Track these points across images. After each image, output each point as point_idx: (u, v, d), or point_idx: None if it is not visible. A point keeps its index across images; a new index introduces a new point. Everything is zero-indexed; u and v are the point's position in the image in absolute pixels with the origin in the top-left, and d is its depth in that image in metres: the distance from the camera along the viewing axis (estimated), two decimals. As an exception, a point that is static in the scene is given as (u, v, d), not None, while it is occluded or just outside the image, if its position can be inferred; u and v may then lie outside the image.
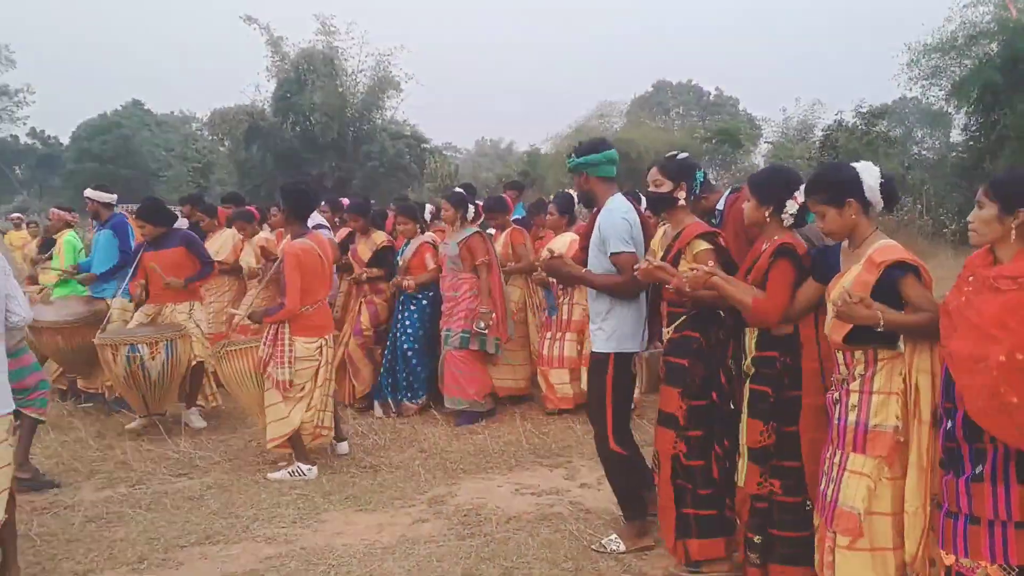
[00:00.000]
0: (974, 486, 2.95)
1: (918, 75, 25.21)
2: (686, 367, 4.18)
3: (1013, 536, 2.87)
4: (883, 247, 3.37)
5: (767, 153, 33.32)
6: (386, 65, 35.39)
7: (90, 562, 4.52)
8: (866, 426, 3.35)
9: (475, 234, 7.36)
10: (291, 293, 5.78)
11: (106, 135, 50.69)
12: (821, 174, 3.62)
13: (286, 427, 5.87)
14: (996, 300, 2.85)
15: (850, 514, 3.34)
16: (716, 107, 60.39)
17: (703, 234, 4.24)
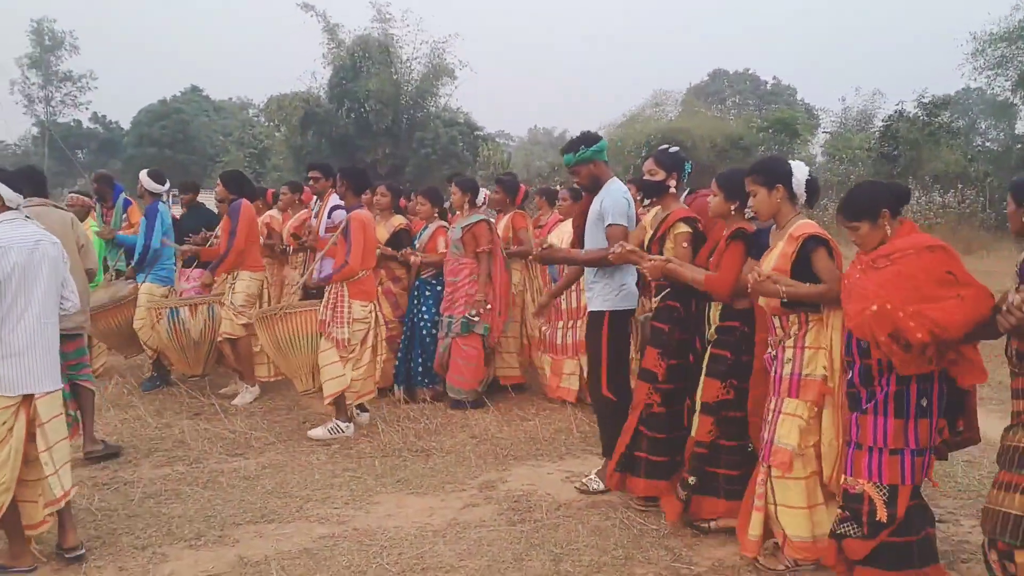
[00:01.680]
0: (860, 418, 3.69)
1: (983, 65, 24.67)
2: (666, 331, 4.85)
3: (887, 460, 3.61)
4: (801, 224, 4.06)
5: (825, 143, 32.81)
6: (440, 53, 35.52)
7: (148, 537, 4.62)
8: (799, 375, 4.03)
9: (481, 221, 7.43)
10: (355, 252, 6.32)
11: (165, 120, 51.48)
12: (762, 161, 4.37)
13: (341, 384, 6.40)
14: (876, 275, 3.53)
15: (784, 450, 3.99)
16: (773, 96, 59.61)
17: (685, 218, 4.85)
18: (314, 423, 6.86)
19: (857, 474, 3.68)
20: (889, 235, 3.65)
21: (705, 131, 30.42)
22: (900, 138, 24.82)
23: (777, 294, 3.90)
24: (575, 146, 5.29)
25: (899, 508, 3.60)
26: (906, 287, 3.40)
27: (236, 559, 4.34)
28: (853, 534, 3.68)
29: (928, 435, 3.60)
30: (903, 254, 3.51)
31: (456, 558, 4.32)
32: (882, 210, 3.65)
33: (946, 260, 3.47)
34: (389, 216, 8.00)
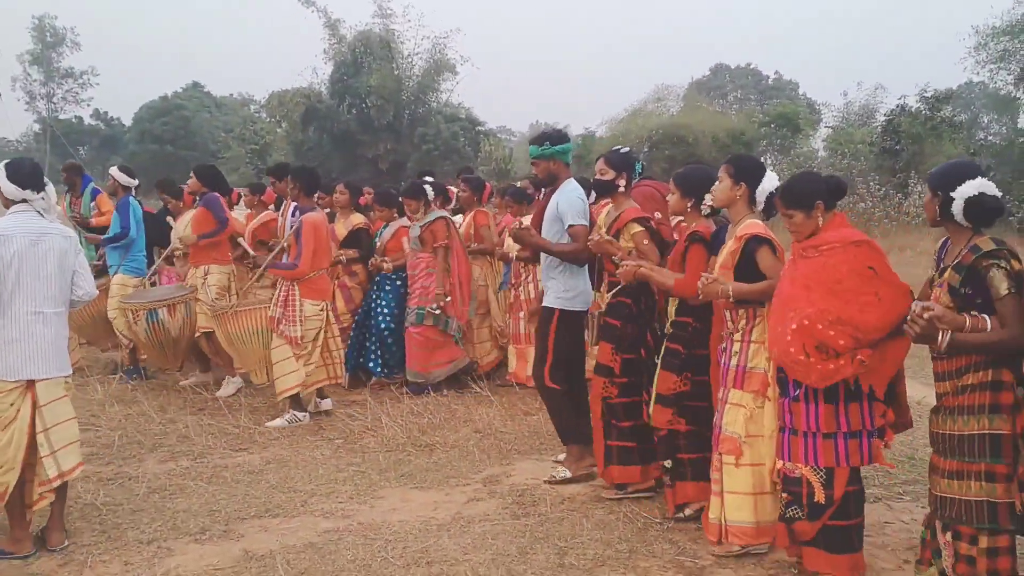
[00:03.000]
0: (794, 405, 3.86)
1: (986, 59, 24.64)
2: (619, 327, 5.02)
3: (821, 444, 3.79)
4: (747, 224, 4.25)
5: (827, 138, 32.75)
6: (442, 48, 35.54)
7: (154, 532, 4.63)
8: (745, 368, 4.23)
9: (439, 219, 7.74)
10: (305, 255, 6.53)
11: (166, 117, 51.53)
12: (743, 156, 4.64)
13: (296, 380, 6.64)
14: (805, 265, 3.79)
15: (732, 438, 4.19)
16: (775, 91, 59.57)
17: (637, 218, 5.02)
18: (318, 419, 6.88)
19: (795, 459, 3.87)
20: (821, 226, 3.87)
21: (707, 126, 30.33)
22: (902, 132, 24.76)
23: (724, 295, 4.13)
24: (541, 140, 5.50)
25: (837, 490, 3.78)
26: (828, 278, 3.66)
27: (241, 553, 4.35)
28: (799, 516, 3.86)
29: (860, 418, 3.76)
30: (831, 247, 3.76)
31: (461, 552, 4.33)
32: (816, 202, 3.86)
33: (869, 255, 3.71)
34: (348, 214, 8.31)
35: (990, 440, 3.29)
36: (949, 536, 3.41)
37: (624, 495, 5.09)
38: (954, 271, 3.39)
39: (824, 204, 3.89)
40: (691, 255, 4.60)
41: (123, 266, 8.25)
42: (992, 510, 3.28)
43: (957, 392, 3.40)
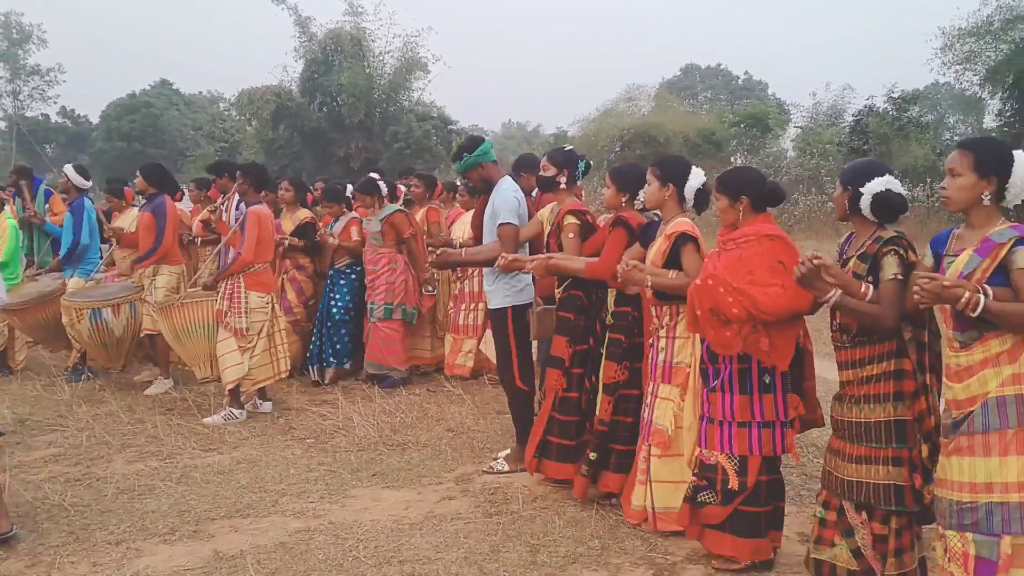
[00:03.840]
0: (711, 395, 4.06)
1: (952, 60, 24.89)
2: (571, 319, 5.10)
3: (735, 432, 3.97)
4: (676, 223, 4.45)
5: (796, 138, 33.01)
6: (413, 46, 35.34)
7: (122, 532, 4.59)
8: (671, 363, 4.43)
9: (397, 211, 7.90)
10: (248, 244, 6.59)
11: (134, 114, 50.94)
12: (668, 158, 4.82)
13: (239, 372, 6.69)
14: (725, 257, 3.97)
15: (661, 430, 4.39)
16: (745, 91, 60.00)
17: (573, 211, 5.19)
18: (289, 419, 6.85)
19: (711, 446, 4.05)
20: (741, 220, 4.05)
21: (678, 126, 30.45)
22: (870, 132, 25.01)
23: (643, 282, 4.34)
24: (460, 154, 5.63)
25: (750, 477, 3.95)
26: (741, 269, 3.86)
27: (211, 554, 4.32)
28: (711, 501, 4.03)
29: (774, 409, 3.96)
30: (747, 240, 3.98)
31: (433, 550, 4.32)
32: (741, 196, 4.04)
33: (781, 249, 3.93)
34: (295, 210, 8.39)
35: (895, 426, 3.49)
36: (864, 516, 3.58)
37: (558, 485, 5.25)
38: (859, 260, 3.57)
39: (751, 201, 4.05)
40: (611, 237, 4.80)
41: (79, 269, 8.26)
42: (899, 492, 3.47)
43: (861, 382, 3.57)
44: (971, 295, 2.94)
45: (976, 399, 3.08)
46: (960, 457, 3.11)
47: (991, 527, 3.00)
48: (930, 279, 3.01)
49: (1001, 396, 3.03)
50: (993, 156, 3.14)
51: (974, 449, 3.07)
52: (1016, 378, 3.02)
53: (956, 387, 3.16)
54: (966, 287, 2.97)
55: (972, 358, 3.10)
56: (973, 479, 3.06)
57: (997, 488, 3.01)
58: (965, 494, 3.08)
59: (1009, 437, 3.01)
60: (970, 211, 3.20)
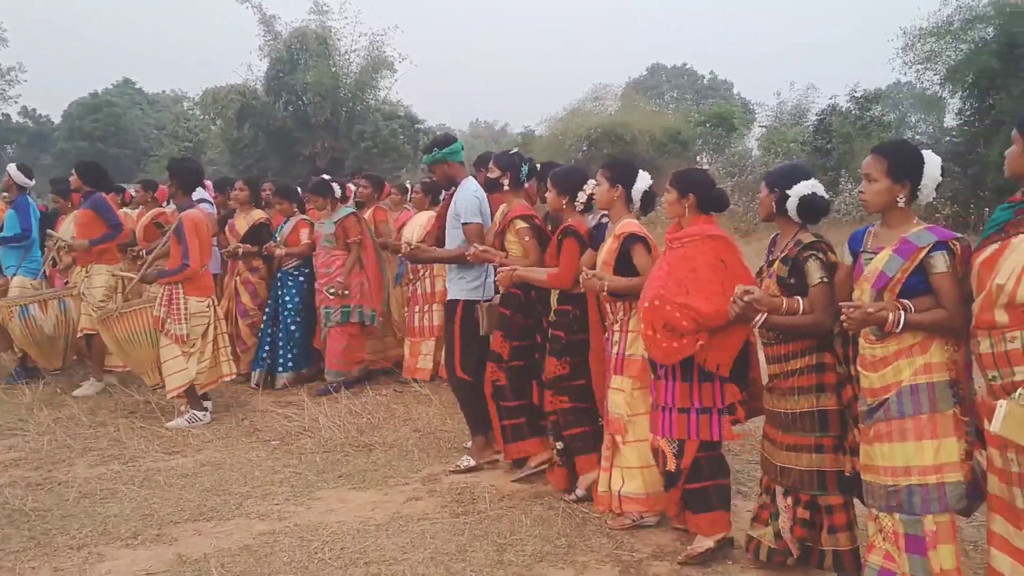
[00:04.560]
0: (657, 383, 4.26)
1: (913, 59, 25.12)
2: (509, 316, 5.36)
3: (675, 418, 4.16)
4: (625, 223, 4.64)
5: (761, 137, 33.25)
6: (380, 45, 35.26)
7: (84, 537, 4.53)
8: (623, 355, 4.61)
9: (351, 215, 7.86)
10: (193, 253, 6.56)
11: (97, 114, 50.29)
12: (619, 159, 5.10)
13: (185, 378, 6.63)
14: (671, 255, 4.18)
15: (617, 419, 4.59)
16: (710, 91, 60.39)
17: (521, 215, 5.34)
18: (254, 421, 6.81)
19: (655, 431, 4.27)
20: (686, 217, 4.26)
21: (644, 125, 30.60)
22: (833, 132, 25.21)
23: (601, 288, 4.54)
24: (431, 147, 5.81)
25: (686, 459, 4.16)
26: (686, 267, 4.06)
27: (174, 557, 4.28)
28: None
29: (712, 396, 4.14)
30: (691, 239, 4.18)
31: (399, 551, 4.31)
32: (689, 193, 4.23)
33: (723, 249, 4.14)
34: (249, 210, 8.35)
35: (819, 416, 3.72)
36: (789, 501, 3.85)
37: (529, 472, 5.42)
38: (781, 263, 3.81)
39: (697, 201, 4.24)
40: (565, 248, 4.96)
41: (22, 267, 8.21)
42: (821, 478, 3.73)
43: (787, 375, 3.82)
44: (894, 316, 3.21)
45: (891, 387, 3.31)
46: (881, 444, 3.33)
47: (913, 508, 3.24)
48: (855, 307, 3.27)
49: (914, 384, 3.26)
50: (906, 161, 3.38)
51: (892, 435, 3.30)
52: (927, 368, 3.25)
53: (872, 376, 3.37)
54: (888, 308, 3.23)
55: (887, 349, 3.31)
56: (893, 463, 3.29)
57: (915, 471, 3.24)
58: (888, 478, 3.30)
59: (923, 422, 3.24)
60: (886, 212, 3.43)
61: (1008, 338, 2.96)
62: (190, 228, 6.57)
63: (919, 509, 3.22)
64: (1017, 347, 2.94)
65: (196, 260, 6.57)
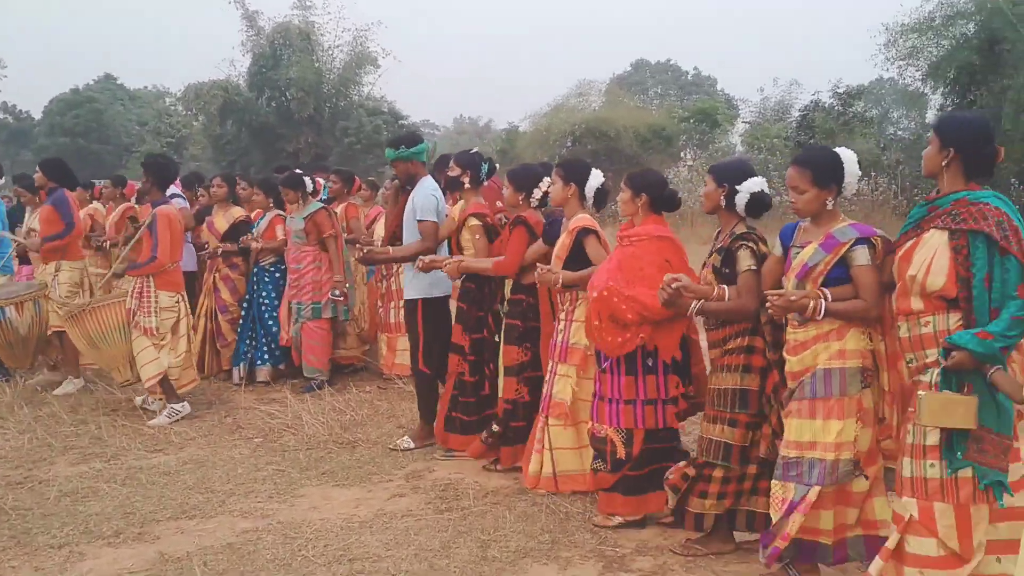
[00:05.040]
0: (602, 376, 4.57)
1: (895, 55, 25.20)
2: (465, 309, 5.65)
3: (622, 409, 4.48)
4: (578, 218, 4.90)
5: (744, 133, 33.32)
6: (363, 41, 35.10)
7: (65, 536, 4.50)
8: (567, 344, 4.94)
9: (321, 209, 7.75)
10: (163, 247, 6.58)
11: (78, 110, 49.94)
12: (571, 159, 5.43)
13: (158, 368, 6.63)
14: (621, 252, 4.48)
15: (560, 403, 4.91)
16: (694, 87, 60.47)
17: (475, 213, 5.63)
18: (237, 418, 6.78)
19: (601, 421, 4.57)
20: (639, 215, 4.56)
21: (628, 121, 30.52)
22: (816, 127, 25.26)
23: (556, 282, 4.84)
24: (397, 144, 6.02)
25: (635, 447, 4.49)
26: (635, 265, 4.37)
27: (157, 556, 4.26)
28: (602, 469, 4.56)
29: (656, 388, 4.48)
30: (639, 238, 4.49)
31: (383, 548, 4.30)
32: (642, 193, 4.53)
33: (668, 249, 4.48)
34: (227, 207, 8.32)
35: (740, 394, 3.99)
36: (699, 469, 4.13)
37: (453, 457, 5.77)
38: (717, 254, 4.12)
39: (650, 201, 4.55)
40: (512, 237, 5.27)
41: None
42: (727, 449, 4.00)
43: (721, 356, 4.10)
44: (814, 304, 3.50)
45: (808, 370, 3.62)
46: (790, 419, 3.67)
47: (811, 479, 3.56)
48: (778, 295, 3.56)
49: (828, 369, 3.58)
50: (827, 167, 3.65)
51: (803, 412, 3.62)
52: (842, 353, 3.57)
53: (793, 360, 3.69)
54: (809, 296, 3.52)
55: (807, 334, 3.62)
56: (800, 438, 3.62)
57: (819, 447, 3.57)
58: (792, 451, 3.64)
59: (831, 404, 3.56)
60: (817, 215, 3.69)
61: (922, 323, 3.27)
62: (163, 223, 6.60)
63: (815, 481, 3.55)
64: (929, 331, 3.24)
65: (165, 254, 6.59)
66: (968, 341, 3.05)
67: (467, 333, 5.64)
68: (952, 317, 3.19)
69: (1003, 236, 3.09)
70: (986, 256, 3.13)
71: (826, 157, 3.70)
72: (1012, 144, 20.53)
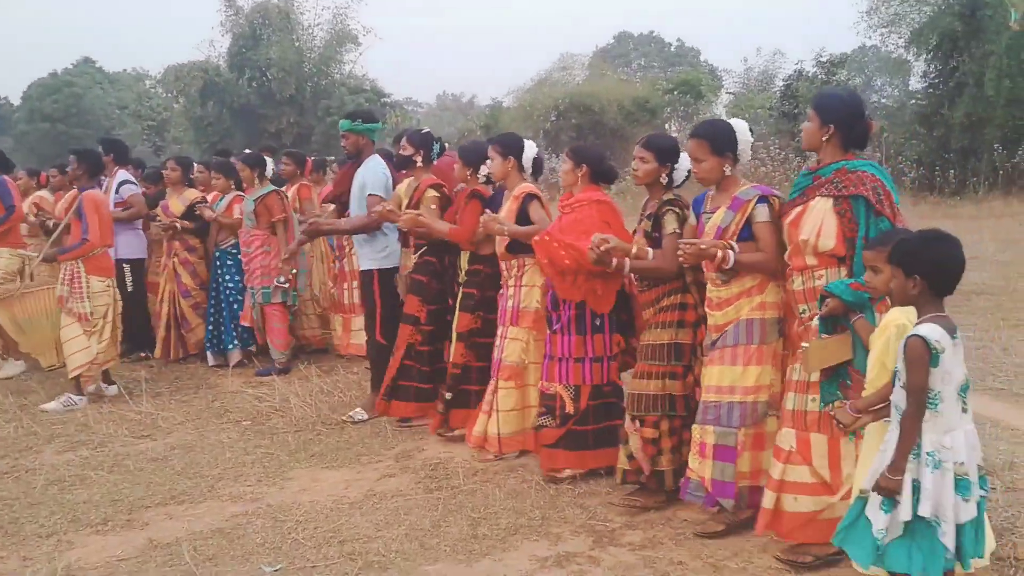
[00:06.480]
0: (553, 336, 4.86)
1: (877, 23, 25.23)
2: (425, 282, 5.80)
3: (572, 367, 4.77)
4: (521, 187, 5.25)
5: (729, 104, 33.28)
6: (343, 19, 34.88)
7: (53, 525, 4.48)
8: (518, 308, 5.19)
9: (272, 192, 7.73)
10: (93, 229, 6.55)
11: (57, 94, 49.36)
12: (506, 134, 5.73)
13: (87, 356, 6.62)
14: (565, 219, 4.81)
15: (510, 365, 5.15)
16: (678, 58, 60.20)
17: (432, 185, 5.87)
18: (224, 402, 6.75)
19: (551, 379, 4.85)
20: (579, 185, 4.87)
21: (613, 94, 30.45)
22: (800, 97, 25.23)
23: (501, 232, 5.07)
24: (355, 116, 6.27)
25: (582, 402, 4.76)
26: (577, 228, 4.63)
27: (146, 542, 4.23)
28: (549, 424, 4.82)
29: (603, 346, 4.78)
30: (580, 204, 4.82)
31: (373, 528, 4.30)
32: (583, 165, 4.86)
33: (607, 211, 4.79)
34: (182, 190, 8.27)
35: (675, 348, 4.29)
36: (637, 424, 4.34)
37: (408, 425, 5.93)
38: (647, 220, 4.42)
39: (590, 172, 4.86)
40: (467, 209, 5.47)
41: None
42: (672, 401, 4.28)
43: (655, 314, 4.37)
44: (723, 253, 3.81)
45: (731, 322, 3.94)
46: (712, 366, 3.99)
47: (731, 422, 3.90)
48: (690, 244, 3.91)
49: (750, 319, 3.91)
50: (723, 136, 4.03)
51: (724, 359, 3.95)
52: (762, 305, 3.91)
53: (717, 314, 4.01)
54: (718, 246, 3.82)
55: (731, 291, 3.94)
56: (720, 383, 3.94)
57: (739, 391, 3.90)
58: (712, 395, 3.97)
59: (752, 351, 3.89)
60: (719, 181, 4.05)
61: (816, 276, 3.63)
62: (90, 206, 6.59)
63: (736, 423, 3.90)
64: (822, 283, 3.57)
65: (96, 236, 6.56)
66: (843, 291, 3.40)
67: (425, 304, 5.79)
68: (842, 270, 3.56)
69: (878, 200, 3.48)
70: (865, 218, 3.50)
71: (720, 127, 4.12)
72: (995, 110, 20.59)
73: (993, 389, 6.30)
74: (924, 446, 2.96)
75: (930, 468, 2.93)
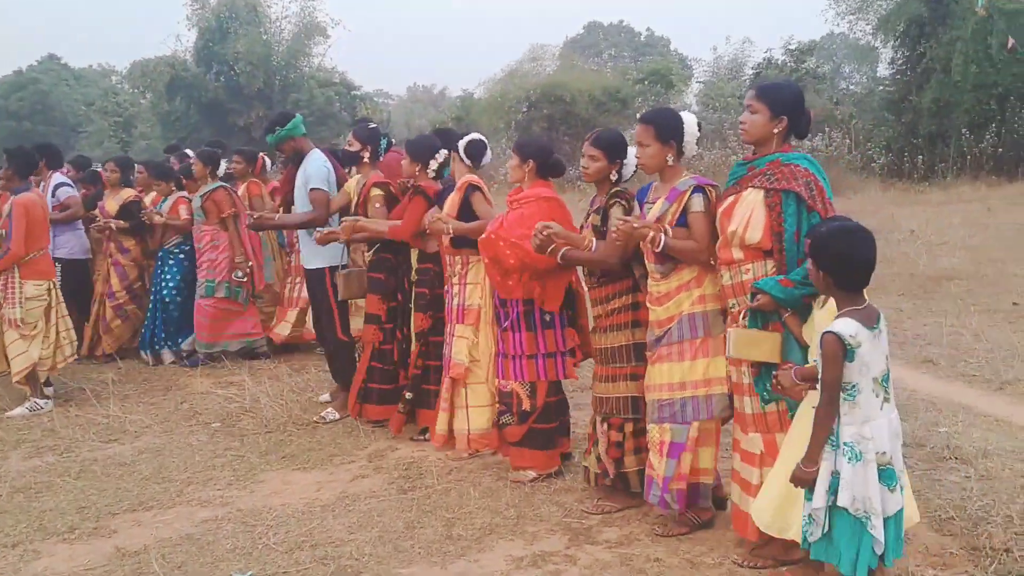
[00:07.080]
0: (503, 334, 4.83)
1: (845, 10, 25.39)
2: (383, 279, 5.73)
3: (526, 364, 4.75)
4: (464, 179, 5.22)
5: (699, 93, 33.36)
6: (311, 11, 34.61)
7: (19, 534, 4.38)
8: (463, 306, 5.16)
9: (219, 188, 7.79)
10: (16, 239, 6.42)
11: (22, 92, 48.75)
12: (443, 129, 5.94)
13: (27, 361, 6.52)
14: (511, 214, 4.68)
15: (458, 364, 5.12)
16: (648, 48, 60.27)
17: (377, 183, 5.80)
18: (193, 403, 6.65)
19: (506, 376, 4.83)
20: (526, 181, 4.80)
21: (583, 85, 30.39)
22: (770, 85, 25.41)
23: (445, 231, 5.03)
24: (272, 128, 6.14)
25: (539, 399, 4.75)
26: (523, 224, 4.52)
27: (113, 551, 4.15)
28: (510, 422, 4.81)
29: (555, 342, 4.75)
30: (528, 200, 4.73)
31: (346, 531, 4.24)
32: (529, 160, 4.78)
33: (554, 209, 4.69)
34: (118, 190, 8.30)
35: (634, 348, 4.24)
36: (605, 427, 4.33)
37: (382, 425, 5.83)
38: (595, 214, 4.38)
39: (536, 167, 4.78)
40: (412, 205, 5.42)
41: None
42: (636, 403, 4.23)
43: (607, 315, 4.34)
44: (655, 234, 3.79)
45: (674, 318, 3.91)
46: (661, 364, 3.94)
47: (684, 417, 3.88)
48: (624, 222, 3.89)
49: (692, 313, 3.88)
50: (669, 124, 3.98)
51: (671, 356, 3.91)
52: (702, 298, 3.88)
53: (658, 309, 3.97)
54: (651, 227, 3.81)
55: (670, 285, 3.92)
56: (671, 380, 3.91)
57: (689, 386, 3.88)
58: (664, 393, 3.93)
59: (697, 344, 3.87)
60: (662, 170, 4.01)
61: (743, 270, 3.59)
62: (19, 212, 6.44)
63: (689, 418, 3.87)
64: (750, 278, 3.54)
65: (20, 244, 6.41)
66: (772, 287, 3.39)
67: (384, 301, 5.75)
68: (768, 264, 3.52)
69: (810, 195, 3.43)
70: (796, 213, 3.46)
71: (668, 115, 4.08)
72: (962, 95, 20.77)
73: (966, 375, 6.34)
74: (842, 436, 3.01)
75: (849, 459, 2.98)
